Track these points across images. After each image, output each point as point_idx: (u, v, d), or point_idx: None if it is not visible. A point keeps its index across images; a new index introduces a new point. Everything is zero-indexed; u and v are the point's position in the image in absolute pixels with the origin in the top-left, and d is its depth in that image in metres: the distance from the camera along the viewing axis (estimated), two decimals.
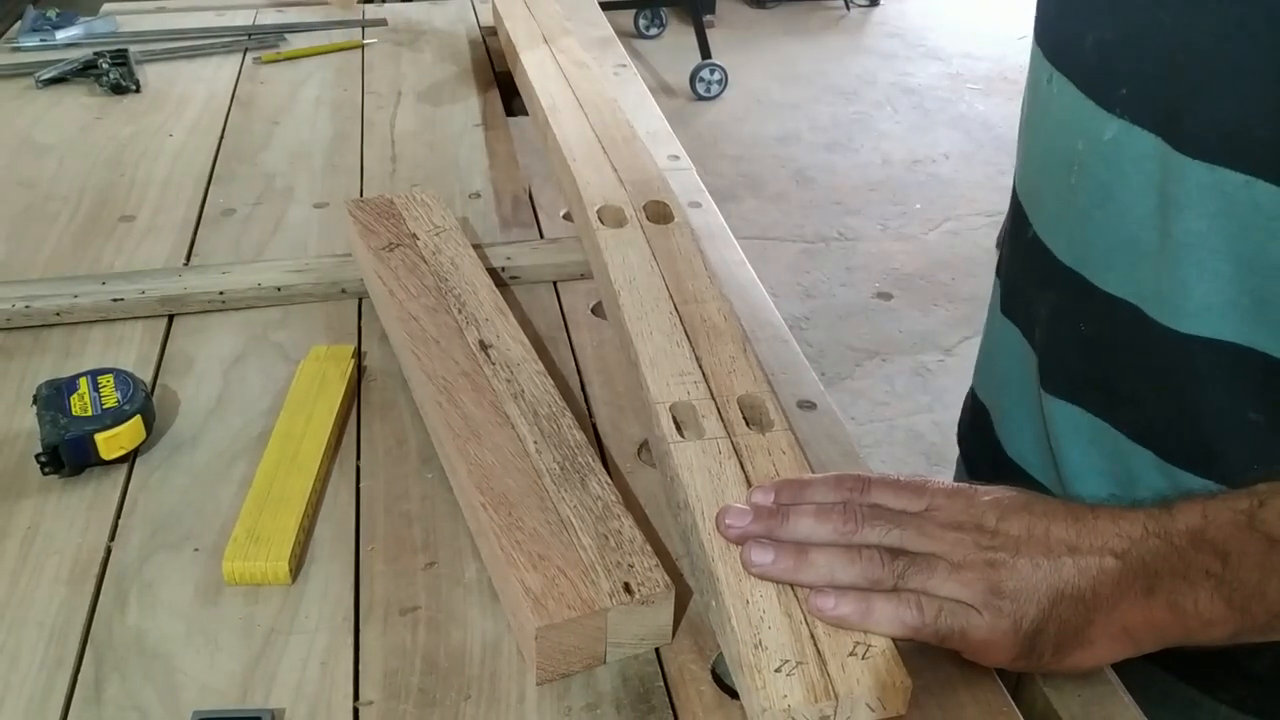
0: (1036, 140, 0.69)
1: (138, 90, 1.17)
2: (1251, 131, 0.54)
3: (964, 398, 0.87)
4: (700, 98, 3.80)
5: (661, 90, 3.81)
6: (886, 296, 2.78)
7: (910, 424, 2.28)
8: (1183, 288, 0.58)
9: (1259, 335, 0.57)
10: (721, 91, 3.82)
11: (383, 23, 1.39)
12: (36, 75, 1.18)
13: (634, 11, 4.22)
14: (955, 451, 0.88)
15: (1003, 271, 0.77)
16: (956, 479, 0.82)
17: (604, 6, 1.49)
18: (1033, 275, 0.69)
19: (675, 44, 4.20)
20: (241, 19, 1.39)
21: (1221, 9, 0.54)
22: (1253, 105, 0.53)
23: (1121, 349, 0.63)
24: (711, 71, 3.78)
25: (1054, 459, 0.69)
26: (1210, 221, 0.56)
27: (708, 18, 4.12)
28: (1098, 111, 0.60)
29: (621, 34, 1.39)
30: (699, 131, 3.55)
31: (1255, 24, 0.53)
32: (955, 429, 0.88)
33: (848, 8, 4.66)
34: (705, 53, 3.80)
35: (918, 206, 3.20)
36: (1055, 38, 0.66)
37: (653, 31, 4.32)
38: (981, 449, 0.80)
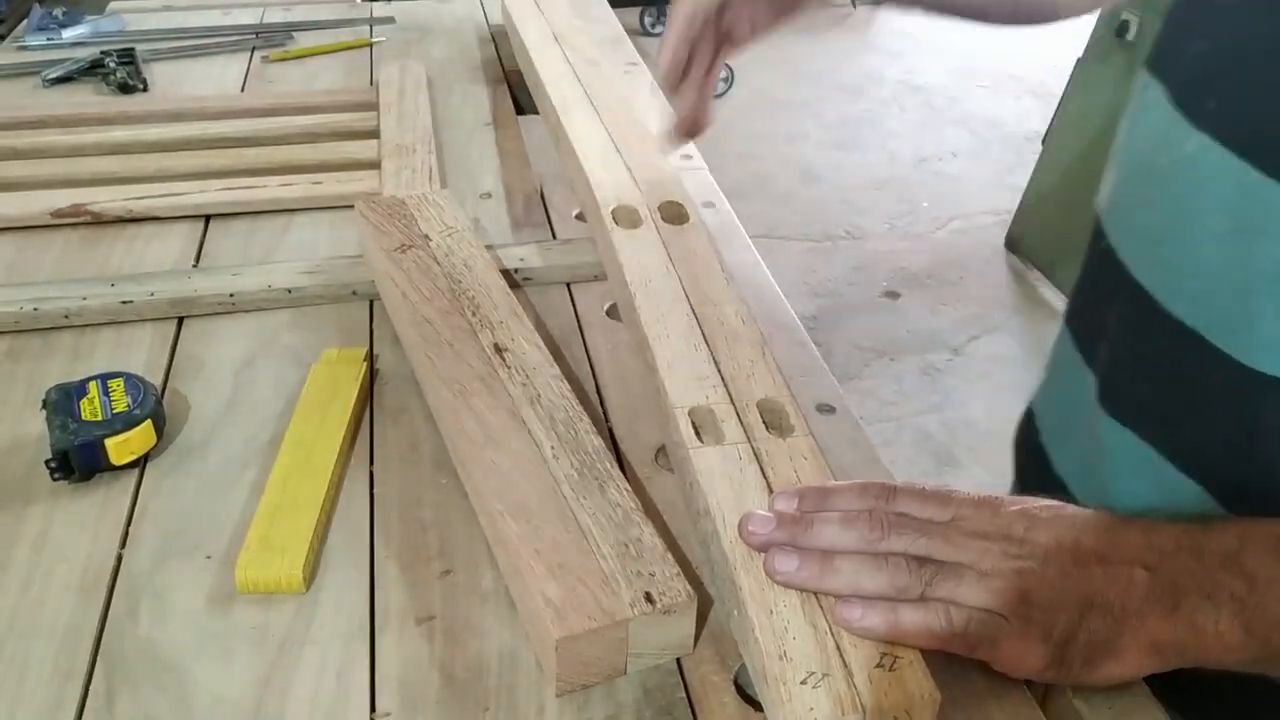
0: (1124, 150, 0.64)
1: (145, 89, 1.16)
2: None
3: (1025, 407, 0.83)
4: None
5: None
6: (894, 295, 2.77)
7: (919, 424, 2.27)
8: (1253, 320, 0.54)
9: None
10: (728, 90, 3.81)
11: (391, 20, 1.38)
12: (43, 74, 1.17)
13: (639, 9, 4.20)
14: (964, 451, 0.87)
15: (1075, 281, 0.73)
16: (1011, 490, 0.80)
17: (609, 4, 1.48)
18: (1102, 289, 0.66)
19: None
20: (248, 17, 1.38)
21: None
22: None
23: (1184, 378, 0.59)
24: None
25: (1100, 481, 0.66)
26: None
27: None
28: (1183, 124, 0.57)
29: (626, 32, 1.38)
30: None
31: None
32: (964, 429, 0.87)
33: (854, 5, 4.64)
34: None
35: (925, 205, 3.19)
36: (1159, 45, 0.62)
37: (658, 29, 4.31)
38: (1029, 461, 0.78)
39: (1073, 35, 4.05)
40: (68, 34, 1.28)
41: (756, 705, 0.52)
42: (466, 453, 0.61)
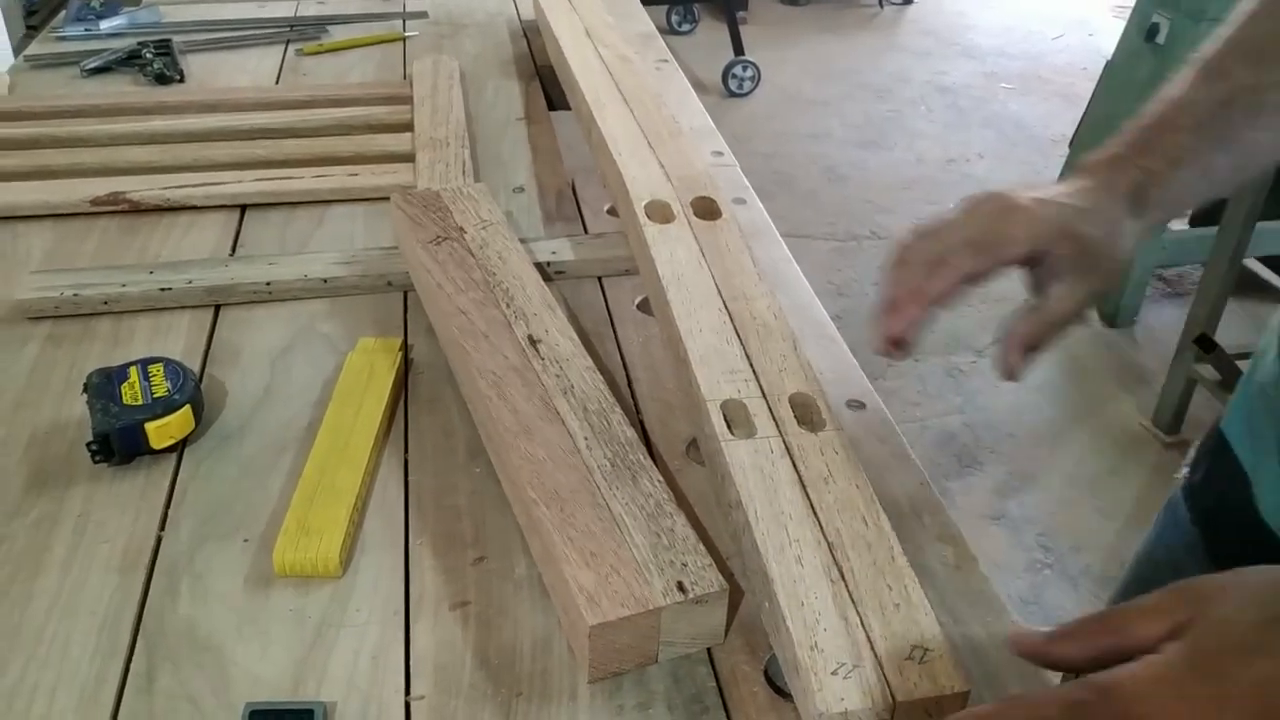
0: None
1: (182, 80, 1.17)
2: None
3: (1200, 442, 0.74)
4: (732, 94, 3.78)
5: (694, 86, 3.79)
6: None
7: (943, 424, 2.26)
8: None
9: None
10: (754, 88, 3.80)
11: (424, 15, 1.39)
12: (81, 64, 1.19)
13: (666, 7, 4.20)
14: (986, 453, 0.85)
15: None
16: (1175, 539, 0.75)
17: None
18: None
19: (707, 40, 4.19)
20: (283, 11, 1.39)
21: None
22: None
23: None
24: (744, 68, 3.77)
25: None
26: None
27: (741, 14, 4.10)
28: None
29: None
30: (731, 128, 3.53)
31: None
32: (987, 430, 0.83)
33: (881, 5, 4.63)
34: (738, 49, 3.79)
35: (951, 206, 3.18)
36: None
37: (685, 28, 4.31)
38: (1227, 509, 0.69)
39: (1101, 36, 4.03)
40: (105, 25, 1.30)
41: (786, 696, 0.52)
42: (501, 441, 0.61)
